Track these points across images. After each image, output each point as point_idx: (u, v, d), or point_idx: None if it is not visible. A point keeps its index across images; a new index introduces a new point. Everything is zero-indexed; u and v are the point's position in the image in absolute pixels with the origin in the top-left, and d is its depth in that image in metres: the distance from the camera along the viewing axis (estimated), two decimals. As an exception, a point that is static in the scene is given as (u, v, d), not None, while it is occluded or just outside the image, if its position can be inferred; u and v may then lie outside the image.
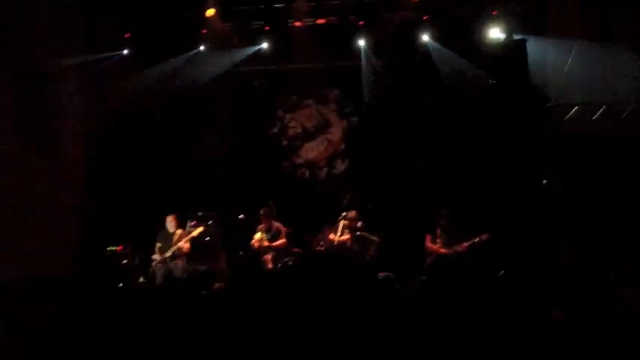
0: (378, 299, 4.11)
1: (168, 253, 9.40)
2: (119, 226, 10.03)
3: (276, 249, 9.53)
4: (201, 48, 10.76)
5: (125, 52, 10.62)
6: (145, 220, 10.07)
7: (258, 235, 9.63)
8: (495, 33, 9.96)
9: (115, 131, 10.64)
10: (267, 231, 9.64)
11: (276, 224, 9.72)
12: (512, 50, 9.92)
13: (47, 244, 9.18)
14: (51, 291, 4.51)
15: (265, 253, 9.49)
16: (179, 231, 9.66)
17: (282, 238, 9.60)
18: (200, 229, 9.63)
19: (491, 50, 10.05)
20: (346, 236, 9.52)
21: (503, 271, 8.26)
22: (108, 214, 10.37)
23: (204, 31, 10.58)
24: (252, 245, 9.64)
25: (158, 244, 9.60)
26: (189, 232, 9.62)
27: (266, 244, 9.53)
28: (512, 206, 9.47)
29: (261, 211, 9.70)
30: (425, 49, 10.53)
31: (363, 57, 10.79)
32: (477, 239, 8.79)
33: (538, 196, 9.52)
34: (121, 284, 8.34)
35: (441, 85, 10.43)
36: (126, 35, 10.57)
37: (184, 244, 9.46)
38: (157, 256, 9.50)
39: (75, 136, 10.30)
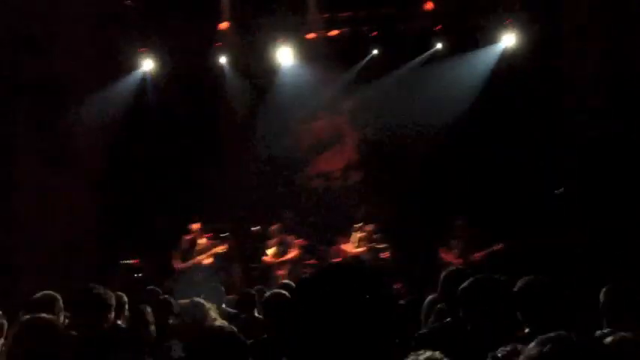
0: (388, 312, 3.98)
1: (189, 263, 9.32)
2: (135, 240, 10.08)
3: (290, 261, 9.52)
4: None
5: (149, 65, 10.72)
6: (160, 234, 10.13)
7: (271, 251, 9.60)
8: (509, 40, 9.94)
9: (131, 144, 10.73)
10: (279, 245, 9.63)
11: (288, 237, 9.70)
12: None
13: (63, 256, 9.24)
14: (68, 303, 4.51)
15: (279, 268, 9.47)
16: (202, 241, 9.61)
17: (293, 250, 9.59)
18: (225, 246, 9.55)
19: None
20: (361, 249, 9.49)
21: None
22: (124, 227, 10.43)
23: (219, 44, 10.63)
24: (265, 261, 9.64)
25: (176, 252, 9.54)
26: (213, 246, 9.55)
27: (279, 259, 9.51)
28: (528, 216, 9.42)
29: (272, 227, 9.69)
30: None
31: None
32: (491, 249, 8.71)
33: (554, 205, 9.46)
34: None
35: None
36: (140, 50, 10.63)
37: (206, 258, 9.41)
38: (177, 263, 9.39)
39: (92, 149, 10.37)
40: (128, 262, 9.80)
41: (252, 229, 10.22)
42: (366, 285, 2.29)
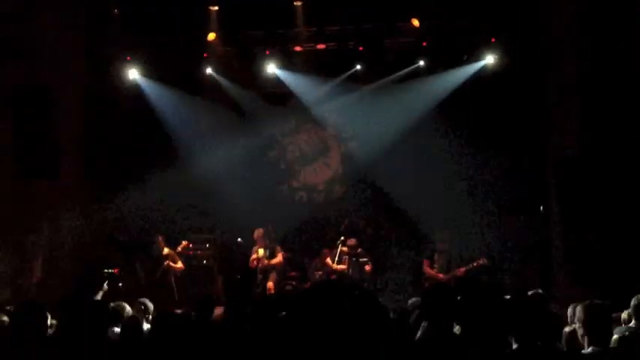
0: (378, 328, 4.02)
1: (157, 274, 9.32)
2: (117, 249, 10.02)
3: (274, 267, 9.52)
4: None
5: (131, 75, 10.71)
6: (144, 243, 10.07)
7: (260, 252, 9.60)
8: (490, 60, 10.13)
9: (114, 153, 10.69)
10: (265, 249, 9.64)
11: (272, 244, 9.72)
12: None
13: (46, 266, 9.15)
14: (51, 315, 4.47)
15: (264, 272, 9.47)
16: (167, 250, 9.51)
17: (278, 256, 9.60)
18: (184, 243, 9.56)
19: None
20: (344, 265, 9.51)
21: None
22: (106, 236, 10.36)
23: (206, 55, 10.65)
24: (251, 262, 9.63)
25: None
26: (190, 256, 9.57)
27: (265, 262, 9.52)
28: (510, 231, 9.55)
29: (257, 232, 9.69)
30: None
31: None
32: (474, 264, 8.80)
33: (535, 222, 9.60)
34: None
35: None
36: (127, 58, 10.61)
37: (176, 265, 9.39)
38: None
39: (75, 157, 10.29)
40: (110, 271, 9.71)
41: (238, 240, 10.18)
42: (360, 301, 2.33)
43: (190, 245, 10.16)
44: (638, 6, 8.13)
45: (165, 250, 9.48)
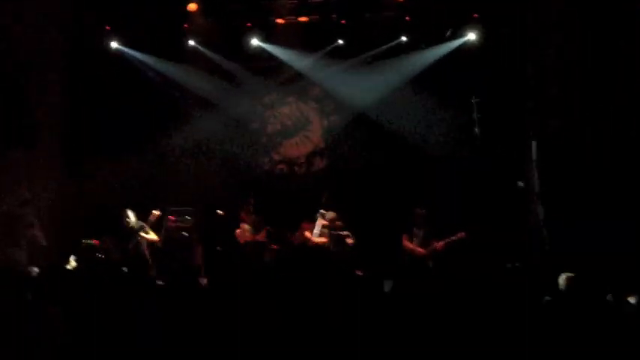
0: (358, 298, 4.13)
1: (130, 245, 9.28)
2: (97, 220, 9.96)
3: (260, 242, 9.57)
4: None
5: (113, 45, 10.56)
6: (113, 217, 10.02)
7: (246, 227, 9.63)
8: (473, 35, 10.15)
9: (93, 124, 10.60)
10: (252, 224, 9.68)
11: (257, 218, 9.77)
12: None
13: (24, 237, 9.08)
14: (29, 285, 4.46)
15: (249, 246, 9.51)
16: (136, 222, 9.36)
17: (262, 232, 9.65)
18: (155, 213, 9.51)
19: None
20: (324, 239, 9.55)
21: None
22: (85, 208, 10.31)
23: (186, 25, 10.52)
24: (237, 236, 9.64)
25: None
26: (171, 229, 9.56)
27: (251, 236, 9.56)
28: (487, 205, 9.67)
29: (246, 209, 9.72)
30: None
31: None
32: (453, 237, 8.90)
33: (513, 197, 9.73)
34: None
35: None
36: (107, 28, 10.45)
37: (148, 236, 9.31)
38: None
39: (52, 127, 10.17)
40: (89, 241, 9.66)
41: (217, 212, 10.17)
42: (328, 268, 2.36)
43: (171, 218, 10.15)
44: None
45: (135, 223, 9.38)
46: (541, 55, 9.12)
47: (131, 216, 9.36)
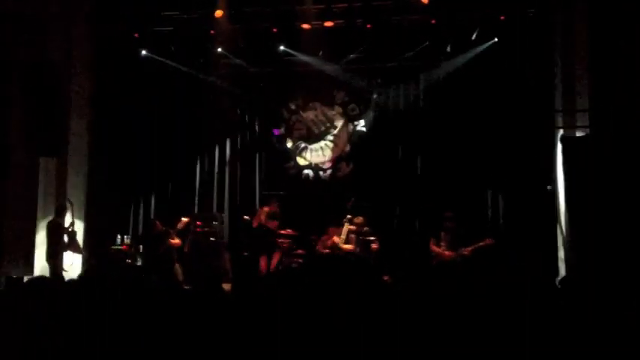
0: (380, 301, 4.06)
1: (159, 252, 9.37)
2: (123, 226, 10.10)
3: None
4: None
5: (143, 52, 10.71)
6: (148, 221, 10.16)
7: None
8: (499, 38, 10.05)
9: (121, 129, 10.73)
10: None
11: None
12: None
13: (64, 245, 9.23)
14: (60, 289, 4.50)
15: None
16: (164, 229, 9.53)
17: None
18: (185, 219, 9.61)
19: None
20: (351, 245, 9.52)
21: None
22: (113, 213, 10.43)
23: (213, 32, 10.61)
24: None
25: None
26: (198, 235, 9.66)
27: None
28: (516, 211, 9.55)
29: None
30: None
31: None
32: (481, 243, 8.82)
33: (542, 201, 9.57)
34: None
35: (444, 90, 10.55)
36: (135, 35, 10.59)
37: (174, 241, 9.44)
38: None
39: (81, 135, 10.33)
40: (117, 247, 9.80)
41: (243, 217, 10.22)
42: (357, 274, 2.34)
43: (198, 223, 10.25)
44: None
45: (163, 229, 9.52)
46: (570, 56, 8.97)
47: (158, 224, 9.50)
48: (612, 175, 7.80)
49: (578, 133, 8.81)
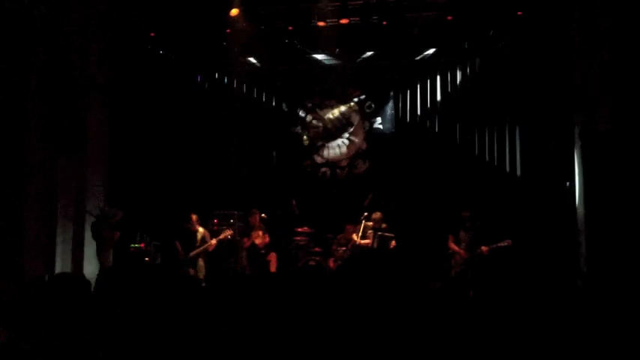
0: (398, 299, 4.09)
1: (194, 252, 9.44)
2: (141, 224, 10.13)
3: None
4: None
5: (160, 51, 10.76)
6: (165, 219, 10.19)
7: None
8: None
9: (140, 130, 10.77)
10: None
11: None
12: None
13: (73, 240, 9.30)
14: (80, 288, 4.52)
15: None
16: (201, 229, 9.71)
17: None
18: (229, 232, 9.69)
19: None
20: (368, 240, 9.52)
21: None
22: (131, 212, 10.47)
23: (228, 30, 10.60)
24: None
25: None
26: (217, 233, 9.68)
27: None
28: (535, 209, 9.46)
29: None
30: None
31: None
32: (500, 244, 8.74)
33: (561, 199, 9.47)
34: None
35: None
36: (151, 34, 10.61)
37: (212, 242, 9.50)
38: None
39: (100, 133, 10.37)
40: (136, 245, 9.84)
41: (261, 215, 10.23)
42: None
43: (215, 221, 10.28)
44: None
45: (200, 230, 9.59)
46: (588, 57, 8.85)
47: (196, 222, 9.53)
48: (634, 171, 7.70)
49: (598, 130, 8.69)
